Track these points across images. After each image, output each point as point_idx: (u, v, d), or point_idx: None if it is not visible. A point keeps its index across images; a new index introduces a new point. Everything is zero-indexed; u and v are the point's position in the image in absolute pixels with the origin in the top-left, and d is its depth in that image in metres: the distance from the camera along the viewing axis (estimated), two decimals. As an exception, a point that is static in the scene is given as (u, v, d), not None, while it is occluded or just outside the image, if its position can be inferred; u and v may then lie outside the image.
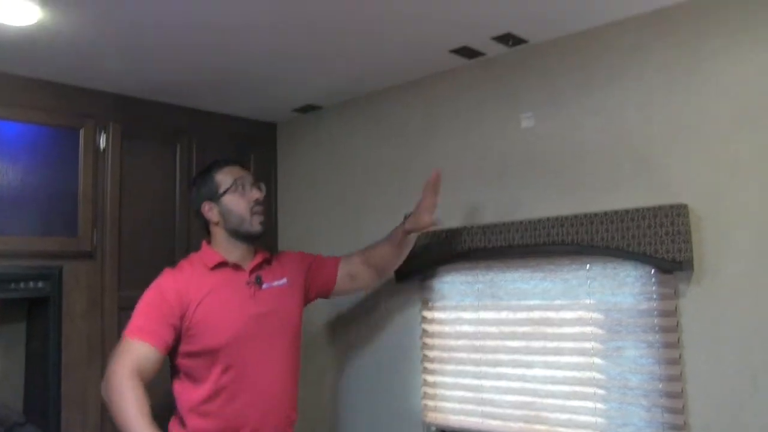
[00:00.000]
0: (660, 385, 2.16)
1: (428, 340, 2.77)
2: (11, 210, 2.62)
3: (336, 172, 3.17)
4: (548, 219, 2.35)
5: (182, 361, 2.22)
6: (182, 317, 2.18)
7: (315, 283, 2.51)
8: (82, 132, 2.79)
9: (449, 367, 2.70)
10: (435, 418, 2.73)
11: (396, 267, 2.60)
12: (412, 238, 2.50)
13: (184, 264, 2.35)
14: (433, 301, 2.77)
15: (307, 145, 3.35)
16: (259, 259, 2.37)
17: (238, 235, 2.31)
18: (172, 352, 2.22)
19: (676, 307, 2.14)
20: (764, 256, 1.99)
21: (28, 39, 2.30)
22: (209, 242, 2.37)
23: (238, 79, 2.83)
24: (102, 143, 2.85)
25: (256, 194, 2.33)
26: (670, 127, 2.18)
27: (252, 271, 2.34)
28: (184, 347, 2.21)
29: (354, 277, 2.55)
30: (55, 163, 2.74)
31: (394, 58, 2.63)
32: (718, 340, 2.06)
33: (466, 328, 2.66)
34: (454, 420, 2.67)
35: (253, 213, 2.31)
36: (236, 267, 2.32)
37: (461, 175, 2.59)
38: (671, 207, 2.09)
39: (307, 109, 3.28)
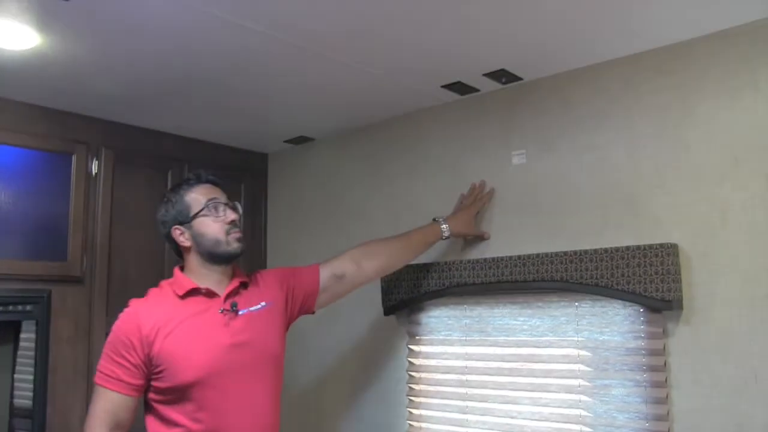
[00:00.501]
0: (647, 424, 2.16)
1: (414, 374, 2.76)
2: (1, 233, 2.60)
3: (326, 204, 3.19)
4: (538, 255, 2.36)
5: (153, 397, 2.01)
6: (147, 354, 1.96)
7: (297, 298, 2.27)
8: (74, 157, 2.80)
9: (435, 401, 2.69)
10: (420, 452, 2.71)
11: (408, 263, 2.57)
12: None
13: (153, 292, 2.12)
14: (420, 335, 2.77)
15: (298, 176, 3.36)
16: (235, 283, 2.13)
17: (214, 257, 2.08)
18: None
19: (664, 347, 2.15)
20: (753, 297, 2.00)
21: (24, 64, 2.31)
22: (182, 268, 2.15)
23: (230, 109, 2.85)
24: (94, 169, 2.85)
25: (231, 215, 2.10)
26: (659, 168, 2.21)
27: (227, 297, 2.09)
28: (153, 383, 1.99)
29: (341, 277, 2.35)
30: (47, 188, 2.75)
31: (387, 92, 2.66)
32: (706, 382, 2.06)
33: (452, 362, 2.65)
34: (439, 454, 2.65)
35: (228, 234, 2.08)
36: (209, 294, 2.08)
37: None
38: (661, 246, 2.10)
39: (299, 140, 3.30)
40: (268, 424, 2.08)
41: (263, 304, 2.14)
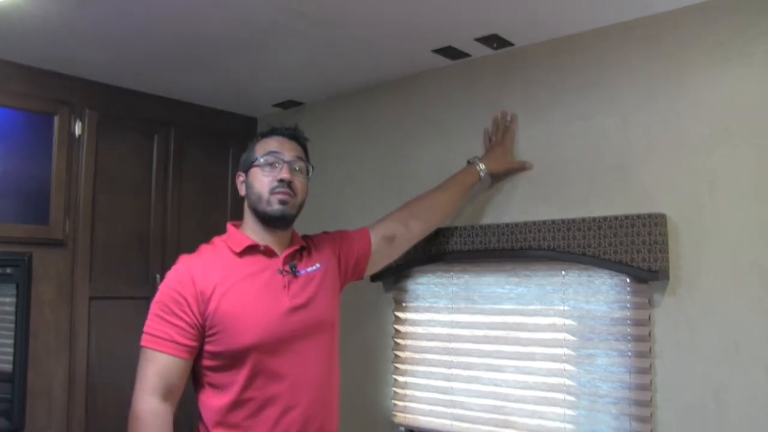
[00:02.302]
0: (629, 394, 2.16)
1: (400, 341, 2.76)
2: (-20, 195, 2.57)
3: (315, 169, 3.14)
4: (525, 224, 2.34)
5: (205, 363, 1.88)
6: (203, 313, 1.83)
7: (349, 262, 2.18)
8: (56, 118, 2.74)
9: (420, 369, 2.69)
10: (404, 418, 2.72)
11: (455, 213, 2.51)
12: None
13: (205, 249, 1.99)
14: (407, 302, 2.76)
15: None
16: (295, 245, 2.03)
17: (257, 215, 1.97)
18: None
19: (649, 317, 2.14)
20: (739, 270, 1.99)
21: (2, 18, 2.23)
22: (237, 225, 2.04)
23: (219, 71, 2.79)
24: (77, 130, 2.80)
25: (284, 174, 1.95)
26: (648, 137, 2.18)
27: (286, 258, 1.98)
28: (206, 347, 1.86)
29: (391, 239, 2.27)
30: (29, 149, 2.71)
31: (377, 56, 2.61)
32: (688, 352, 2.06)
33: (438, 330, 2.65)
34: (423, 421, 2.66)
35: (273, 192, 1.94)
36: (268, 252, 1.97)
37: (440, 176, 2.56)
38: (649, 216, 2.09)
39: (289, 104, 3.25)
40: (326, 392, 1.98)
41: (318, 266, 2.04)
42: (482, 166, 2.42)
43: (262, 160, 1.98)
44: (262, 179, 1.96)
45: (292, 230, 2.06)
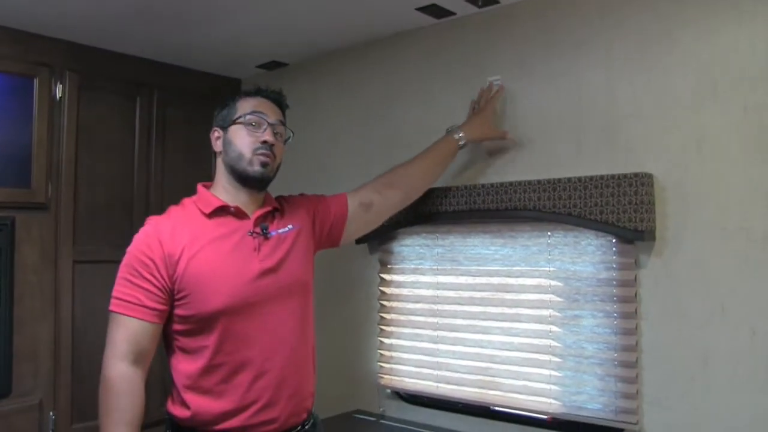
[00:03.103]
0: (615, 355, 2.15)
1: (385, 303, 2.75)
2: (-39, 159, 2.54)
3: (300, 132, 3.09)
4: (511, 183, 2.32)
5: (175, 328, 1.84)
6: (171, 276, 1.79)
7: (324, 225, 2.13)
8: (36, 80, 2.70)
9: (406, 331, 2.68)
10: (390, 381, 2.72)
11: (435, 183, 2.45)
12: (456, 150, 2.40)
13: (174, 210, 1.93)
14: (392, 264, 2.74)
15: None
16: (267, 207, 1.97)
17: (234, 173, 1.91)
18: None
19: (635, 278, 2.12)
20: (726, 231, 1.97)
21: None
22: (207, 186, 1.98)
23: (201, 31, 2.73)
24: (58, 93, 2.76)
25: (267, 136, 1.91)
26: (636, 96, 2.14)
27: (257, 220, 1.93)
28: (176, 311, 1.82)
29: (368, 206, 2.22)
30: (8, 112, 2.65)
31: (361, 15, 2.56)
32: (674, 313, 2.05)
33: (424, 291, 2.64)
34: (409, 383, 2.66)
35: (255, 153, 1.90)
36: (239, 214, 1.91)
37: (425, 138, 2.52)
38: (635, 176, 2.06)
39: (272, 65, 3.20)
40: (300, 356, 1.93)
41: (290, 227, 1.98)
42: (461, 134, 2.37)
43: (246, 118, 1.92)
44: (245, 138, 1.91)
45: (265, 192, 2.01)
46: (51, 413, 2.70)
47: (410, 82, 2.73)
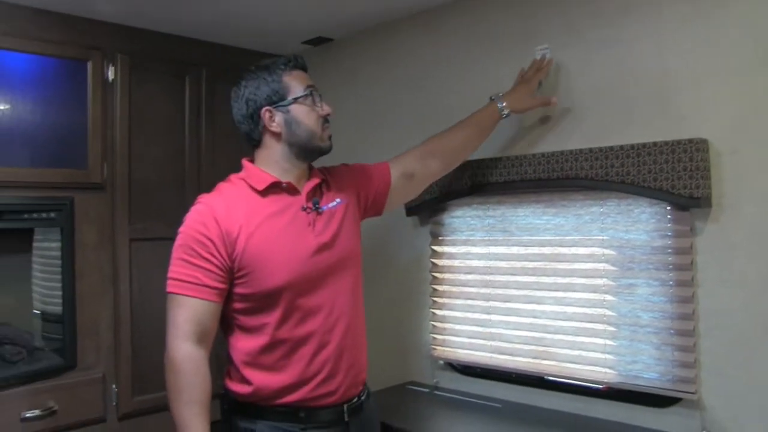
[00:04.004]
0: (671, 323, 2.13)
1: (437, 275, 2.76)
2: (21, 141, 2.61)
3: (346, 106, 3.11)
4: (562, 153, 2.29)
5: (235, 306, 1.85)
6: (230, 255, 1.78)
7: (369, 196, 2.12)
8: (90, 64, 2.75)
9: (458, 302, 2.69)
10: (443, 352, 2.74)
11: (474, 152, 2.41)
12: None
13: (224, 187, 1.92)
14: (443, 235, 2.75)
15: (318, 78, 3.24)
16: (315, 180, 1.96)
17: (303, 151, 1.92)
18: None
19: (691, 245, 2.09)
20: (783, 193, 1.93)
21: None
22: (251, 160, 1.97)
23: (247, 10, 2.75)
24: (110, 75, 2.81)
25: (327, 108, 1.94)
26: (689, 61, 2.09)
27: (308, 195, 1.93)
28: (236, 289, 1.83)
29: (410, 176, 2.21)
30: (64, 95, 2.73)
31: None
32: (732, 280, 2.01)
33: (475, 262, 2.64)
34: (462, 354, 2.67)
35: (323, 128, 1.94)
36: (291, 190, 1.91)
37: (474, 107, 2.51)
38: (690, 141, 2.02)
39: (318, 41, 3.20)
40: (355, 326, 1.95)
41: (339, 200, 1.99)
42: (504, 104, 2.33)
43: (306, 97, 1.91)
44: (310, 114, 1.91)
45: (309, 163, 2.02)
46: (114, 386, 2.79)
47: (456, 53, 2.71)
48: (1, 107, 2.55)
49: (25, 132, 2.61)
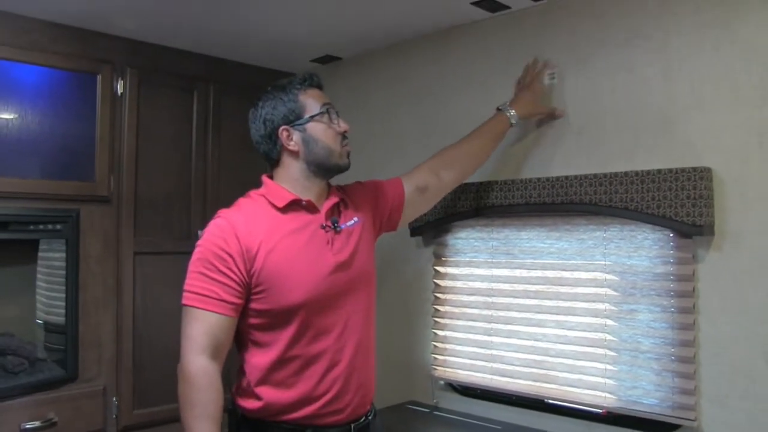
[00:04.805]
0: (672, 350, 2.14)
1: (440, 295, 2.77)
2: (29, 153, 2.62)
3: (354, 124, 3.11)
4: (567, 177, 2.31)
5: (249, 321, 1.85)
6: (249, 271, 1.79)
7: (383, 212, 2.13)
8: (99, 77, 2.78)
9: (460, 323, 2.70)
10: (444, 372, 2.74)
11: (486, 161, 2.41)
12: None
13: (244, 202, 1.91)
14: (447, 256, 2.76)
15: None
16: (334, 198, 1.97)
17: (322, 169, 1.92)
18: None
19: (693, 272, 2.10)
20: (788, 225, 1.94)
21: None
22: (271, 176, 1.96)
23: (256, 27, 2.78)
24: (119, 89, 2.83)
25: (344, 125, 1.95)
26: (695, 89, 2.12)
27: (327, 213, 1.94)
28: (252, 305, 1.83)
29: (424, 189, 2.22)
30: (73, 108, 2.75)
31: (416, 8, 2.57)
32: (734, 309, 2.02)
33: (478, 284, 2.65)
34: (462, 375, 2.68)
35: (342, 146, 1.94)
36: (310, 208, 1.91)
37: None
38: (694, 170, 2.04)
39: (326, 59, 3.23)
40: (366, 345, 1.95)
41: (356, 219, 1.99)
42: (512, 111, 2.35)
43: (323, 115, 1.92)
44: (328, 131, 1.92)
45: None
46: (114, 399, 2.79)
47: (464, 76, 2.73)
48: (11, 118, 2.57)
49: (33, 143, 2.63)
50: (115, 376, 2.80)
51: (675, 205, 2.06)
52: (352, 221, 1.98)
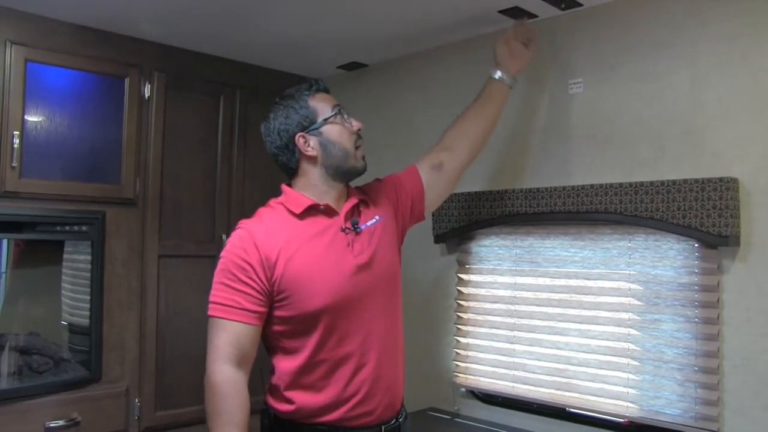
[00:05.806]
0: (695, 360, 2.13)
1: (463, 302, 2.77)
2: (56, 155, 2.66)
3: (379, 131, 3.14)
4: (592, 186, 2.31)
5: (274, 329, 1.87)
6: (270, 279, 1.81)
7: (406, 205, 2.12)
8: (127, 81, 2.81)
9: (482, 330, 2.70)
10: (465, 380, 2.74)
11: (495, 128, 2.36)
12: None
13: (264, 212, 1.93)
14: (470, 264, 2.76)
15: (351, 103, 3.26)
16: (353, 200, 1.98)
17: (339, 172, 1.94)
18: None
19: (718, 283, 2.10)
20: (814, 235, 1.93)
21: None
22: (290, 184, 1.99)
23: (283, 33, 2.80)
24: (146, 92, 2.87)
25: (357, 124, 1.97)
26: (723, 99, 2.11)
27: (347, 215, 1.94)
28: (276, 312, 1.85)
29: (439, 166, 2.19)
30: (101, 111, 2.78)
31: (442, 17, 2.58)
32: (759, 320, 2.01)
33: (501, 292, 2.65)
34: (484, 383, 2.68)
35: (356, 147, 1.96)
36: (328, 211, 1.92)
37: (507, 139, 2.54)
38: (720, 180, 2.03)
39: (352, 66, 3.25)
40: (393, 346, 1.97)
41: (377, 218, 1.99)
42: (504, 75, 2.33)
43: (336, 117, 1.94)
44: (343, 133, 1.94)
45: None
46: (137, 400, 2.81)
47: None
48: (39, 120, 2.60)
49: (60, 145, 2.66)
50: (138, 378, 2.83)
51: (701, 216, 2.06)
52: (373, 220, 1.98)
